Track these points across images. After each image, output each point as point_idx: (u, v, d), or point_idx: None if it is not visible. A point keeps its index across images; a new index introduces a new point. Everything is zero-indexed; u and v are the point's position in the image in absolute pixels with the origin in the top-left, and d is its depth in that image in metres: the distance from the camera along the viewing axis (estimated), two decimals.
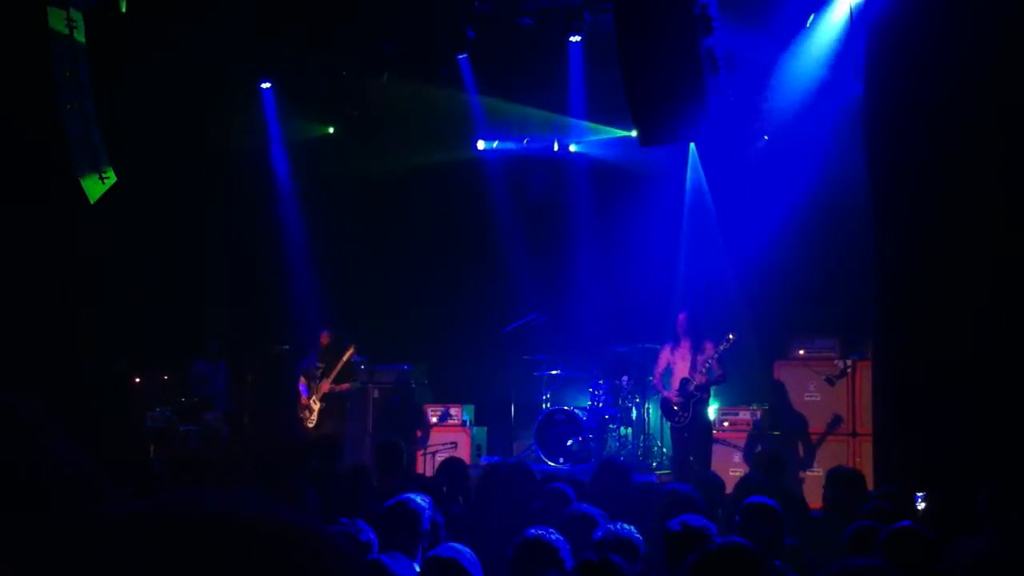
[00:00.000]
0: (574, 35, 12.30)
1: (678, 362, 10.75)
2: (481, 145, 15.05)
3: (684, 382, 10.56)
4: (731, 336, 10.50)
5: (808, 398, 10.99)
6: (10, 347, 10.33)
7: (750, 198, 12.82)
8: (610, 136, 13.85)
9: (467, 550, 3.99)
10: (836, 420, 10.78)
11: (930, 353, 7.44)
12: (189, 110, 13.09)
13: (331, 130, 15.09)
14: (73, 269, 11.85)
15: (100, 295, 12.19)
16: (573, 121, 14.21)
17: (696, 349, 10.63)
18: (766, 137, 12.98)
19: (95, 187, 10.76)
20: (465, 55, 13.20)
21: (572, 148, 14.74)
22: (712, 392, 10.91)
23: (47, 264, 11.50)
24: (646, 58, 8.56)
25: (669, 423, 10.97)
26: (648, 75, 8.63)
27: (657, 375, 11.00)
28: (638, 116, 9.04)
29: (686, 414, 10.54)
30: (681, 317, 10.83)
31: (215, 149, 13.67)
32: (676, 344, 10.80)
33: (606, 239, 13.92)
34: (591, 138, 14.41)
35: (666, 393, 10.75)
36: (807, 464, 10.74)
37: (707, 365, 10.49)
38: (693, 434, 10.62)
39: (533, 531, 4.24)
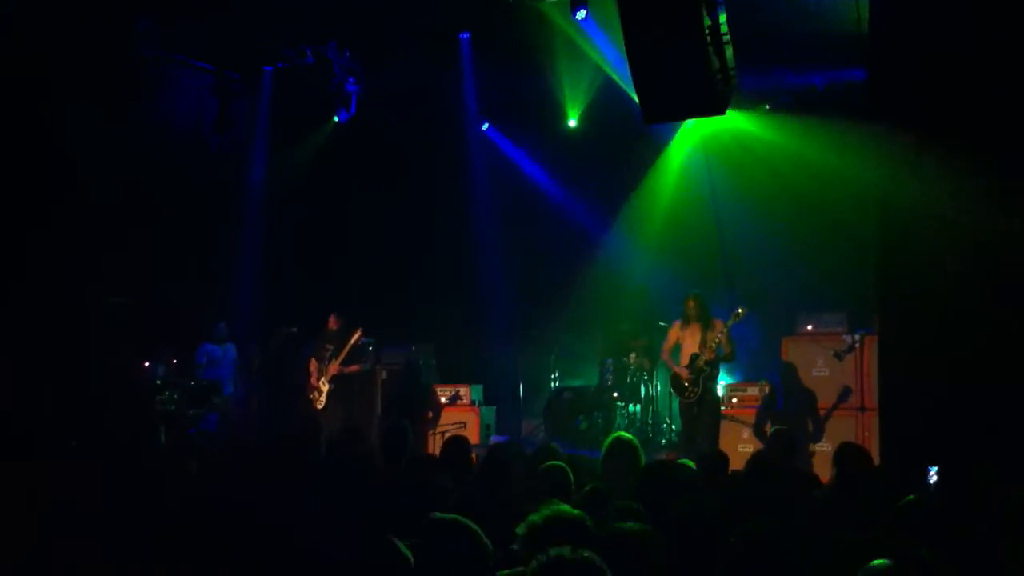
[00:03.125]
0: (579, 10, 12.22)
1: (687, 338, 10.73)
2: (486, 127, 15.05)
3: (694, 357, 10.56)
4: (740, 310, 10.46)
5: (817, 373, 10.98)
6: (20, 337, 10.36)
7: (754, 172, 12.80)
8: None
9: None
10: (846, 392, 10.76)
11: (935, 326, 7.41)
12: (195, 95, 13.08)
13: (336, 119, 15.05)
14: (80, 257, 11.85)
15: (108, 280, 12.19)
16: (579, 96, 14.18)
17: (706, 327, 10.61)
18: (767, 107, 12.96)
19: None
20: (468, 35, 13.15)
21: (572, 123, 14.65)
22: (721, 369, 10.90)
23: (54, 254, 11.50)
24: (650, 35, 8.50)
25: (678, 399, 10.94)
26: (652, 52, 8.56)
27: (666, 351, 10.97)
28: (642, 93, 8.97)
29: (696, 389, 10.53)
30: (690, 301, 10.77)
31: (217, 134, 13.63)
32: (686, 323, 10.78)
33: (612, 218, 13.90)
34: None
35: (676, 369, 10.74)
36: (816, 439, 10.73)
37: (716, 340, 10.47)
38: (702, 410, 10.60)
39: None
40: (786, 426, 9.42)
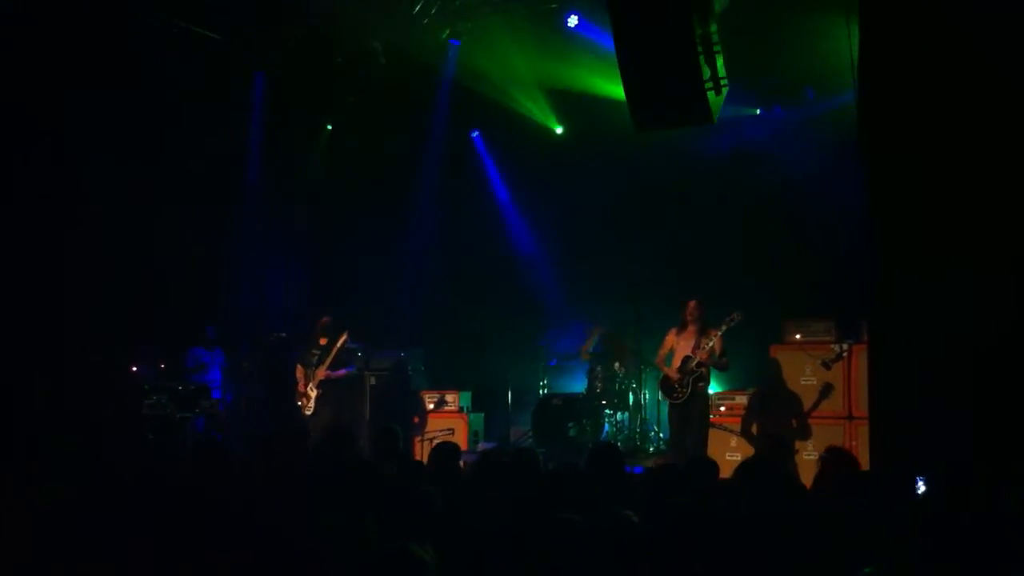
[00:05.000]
0: (571, 16, 12.33)
1: (681, 343, 10.85)
2: (475, 133, 15.11)
3: (686, 359, 10.68)
4: (735, 315, 10.56)
5: (804, 382, 11.02)
6: (11, 338, 10.33)
7: (743, 178, 12.84)
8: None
9: None
10: (834, 400, 10.80)
11: (927, 335, 7.44)
12: (184, 99, 13.05)
13: (329, 127, 15.07)
14: (70, 260, 11.83)
15: (98, 284, 12.17)
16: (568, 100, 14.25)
17: (701, 334, 10.73)
18: (758, 111, 13.04)
19: None
20: (457, 43, 13.18)
21: (558, 131, 14.75)
22: (712, 376, 10.98)
23: (45, 256, 11.48)
24: (642, 44, 8.54)
25: (667, 400, 11.02)
26: (643, 61, 8.60)
27: (660, 357, 11.09)
28: (633, 101, 9.00)
29: (684, 390, 10.63)
30: (692, 304, 10.89)
31: (210, 137, 13.61)
32: (682, 329, 10.90)
33: (604, 224, 13.92)
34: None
35: (667, 370, 10.87)
36: (804, 447, 10.77)
37: (710, 343, 10.59)
38: (691, 412, 10.70)
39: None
40: (775, 432, 9.47)
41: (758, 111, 13.12)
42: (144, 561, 4.03)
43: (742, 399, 11.42)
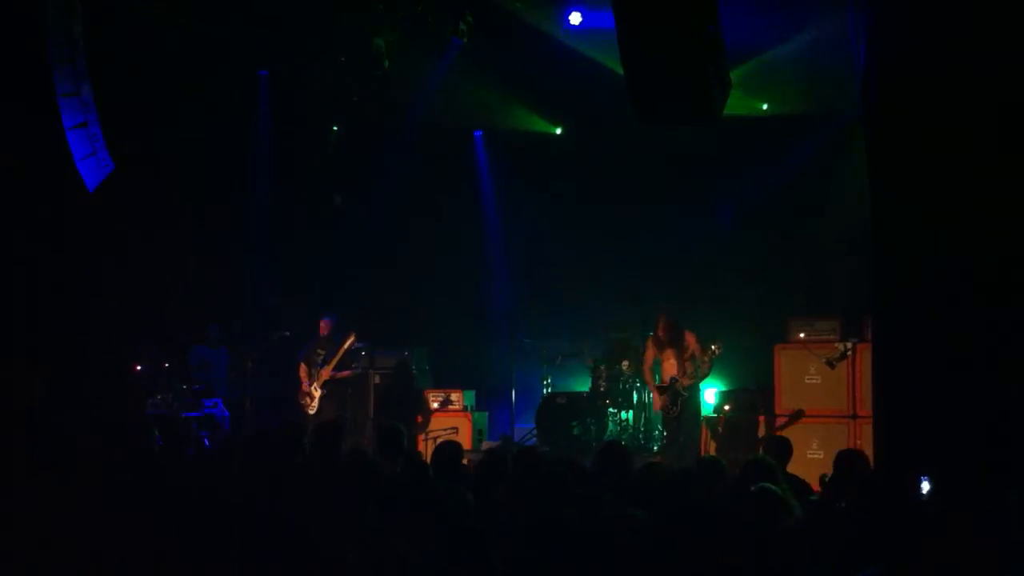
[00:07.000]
0: (572, 13, 12.36)
1: (665, 359, 11.06)
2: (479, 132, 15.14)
3: (673, 381, 10.98)
4: (715, 349, 10.71)
5: (809, 381, 11.02)
6: (12, 336, 10.32)
7: (746, 176, 12.82)
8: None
9: None
10: (838, 400, 10.82)
11: (931, 333, 7.41)
12: (188, 97, 13.03)
13: (335, 128, 15.10)
14: (72, 256, 11.81)
15: (101, 282, 12.16)
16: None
17: (680, 350, 10.91)
18: (764, 107, 13.01)
19: (94, 174, 10.72)
20: (460, 41, 13.18)
21: (557, 132, 14.78)
22: (713, 374, 11.12)
23: (47, 253, 11.46)
24: (645, 39, 8.50)
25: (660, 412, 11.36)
26: (646, 57, 8.56)
27: (646, 368, 11.48)
28: (636, 97, 8.96)
29: (675, 408, 11.00)
30: (659, 325, 11.21)
31: (214, 134, 13.60)
32: (660, 345, 11.15)
33: (607, 223, 13.91)
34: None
35: (655, 393, 11.39)
36: (808, 446, 10.74)
37: (694, 368, 10.76)
38: (681, 423, 11.03)
39: None
40: (779, 433, 9.48)
41: (764, 106, 13.09)
42: (144, 560, 4.03)
43: (747, 397, 11.42)
